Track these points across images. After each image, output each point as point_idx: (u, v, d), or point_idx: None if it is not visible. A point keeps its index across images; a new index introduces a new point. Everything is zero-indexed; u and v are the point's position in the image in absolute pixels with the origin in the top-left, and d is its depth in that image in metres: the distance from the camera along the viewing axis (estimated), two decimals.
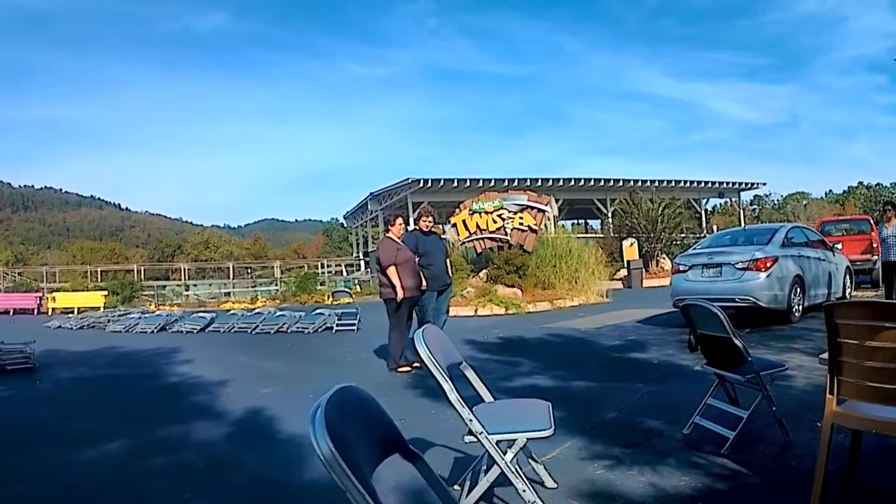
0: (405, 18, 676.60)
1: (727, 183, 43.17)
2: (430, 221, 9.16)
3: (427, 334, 3.35)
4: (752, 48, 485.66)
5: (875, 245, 16.48)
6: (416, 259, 8.73)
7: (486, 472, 3.51)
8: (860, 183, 69.28)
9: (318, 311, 16.15)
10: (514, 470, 3.30)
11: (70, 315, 24.26)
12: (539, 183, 34.69)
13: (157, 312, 21.48)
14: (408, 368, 8.46)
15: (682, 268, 11.93)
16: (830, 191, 74.14)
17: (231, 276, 48.23)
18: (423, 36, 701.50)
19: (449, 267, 9.43)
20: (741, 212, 46.73)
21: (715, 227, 36.65)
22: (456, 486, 3.81)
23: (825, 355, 3.31)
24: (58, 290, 35.63)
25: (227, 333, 15.46)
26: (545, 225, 21.73)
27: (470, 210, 21.02)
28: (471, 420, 3.25)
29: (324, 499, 3.92)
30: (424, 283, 8.70)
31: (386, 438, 2.05)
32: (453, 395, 3.21)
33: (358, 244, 52.52)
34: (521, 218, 20.21)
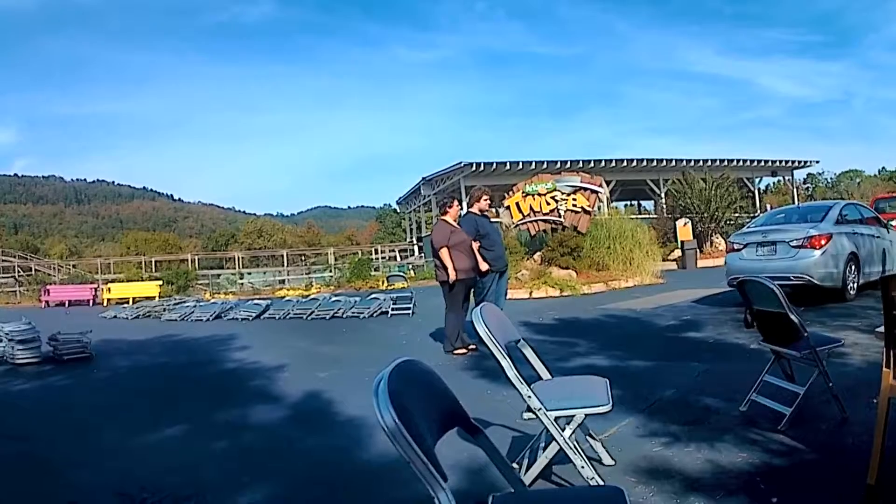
0: (454, 2, 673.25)
1: (780, 161, 42.31)
2: (488, 201, 9.20)
3: (485, 312, 3.37)
4: (802, 25, 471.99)
5: None
6: (478, 241, 8.73)
7: (545, 449, 3.54)
8: None
9: (372, 296, 16.31)
10: (572, 446, 3.33)
11: (125, 305, 24.81)
12: (591, 164, 34.43)
13: (213, 301, 21.83)
14: (464, 351, 8.50)
15: (736, 246, 11.82)
16: (884, 168, 72.04)
17: (285, 264, 48.98)
18: (472, 19, 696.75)
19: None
20: (794, 190, 45.72)
21: (768, 206, 35.99)
22: (514, 464, 3.77)
23: (881, 329, 3.29)
24: (112, 281, 36.43)
25: (283, 320, 15.66)
26: (598, 206, 21.65)
27: (523, 192, 20.96)
28: (529, 396, 3.29)
29: (384, 480, 4.02)
30: (485, 265, 8.69)
31: (448, 412, 2.09)
32: (511, 372, 3.25)
33: (411, 229, 52.67)
34: (574, 199, 20.08)
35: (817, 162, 44.74)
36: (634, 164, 37.35)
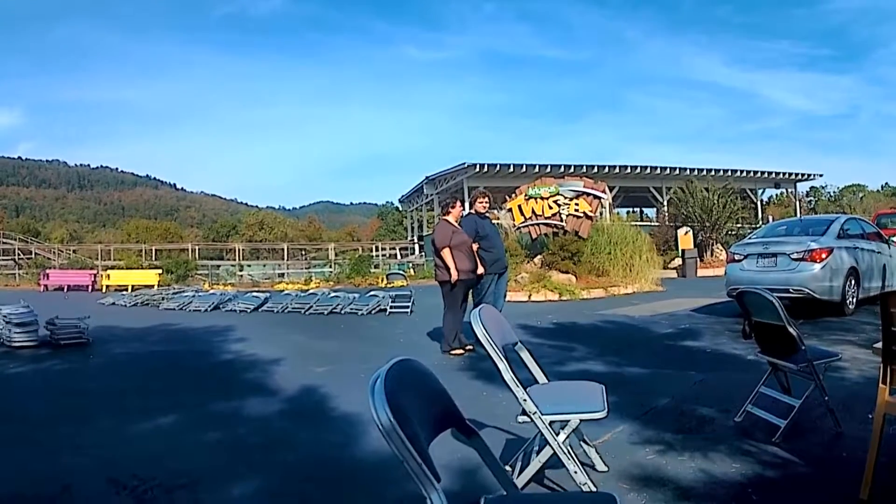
0: (463, 3, 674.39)
1: (783, 173, 42.23)
2: (485, 203, 9.19)
3: (483, 314, 3.36)
4: (811, 38, 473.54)
5: None
6: (477, 243, 8.73)
7: (538, 452, 3.52)
8: None
9: (371, 293, 16.28)
10: (565, 451, 3.34)
11: (124, 292, 24.59)
12: (595, 169, 34.44)
13: (211, 291, 21.78)
14: (461, 351, 8.49)
15: (737, 257, 11.82)
16: (887, 184, 71.91)
17: (285, 258, 48.86)
18: (480, 21, 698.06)
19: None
20: (797, 203, 45.70)
21: (770, 218, 35.99)
22: (507, 467, 3.73)
23: (879, 345, 3.29)
24: (112, 267, 36.23)
25: (281, 313, 15.64)
26: (600, 212, 21.63)
27: (526, 195, 20.96)
28: (525, 400, 3.28)
29: (376, 477, 4.02)
30: (482, 267, 8.67)
31: (443, 412, 2.08)
32: (508, 375, 3.23)
33: (413, 228, 52.59)
34: (576, 204, 20.08)
35: (821, 175, 44.81)
36: (638, 170, 37.31)
